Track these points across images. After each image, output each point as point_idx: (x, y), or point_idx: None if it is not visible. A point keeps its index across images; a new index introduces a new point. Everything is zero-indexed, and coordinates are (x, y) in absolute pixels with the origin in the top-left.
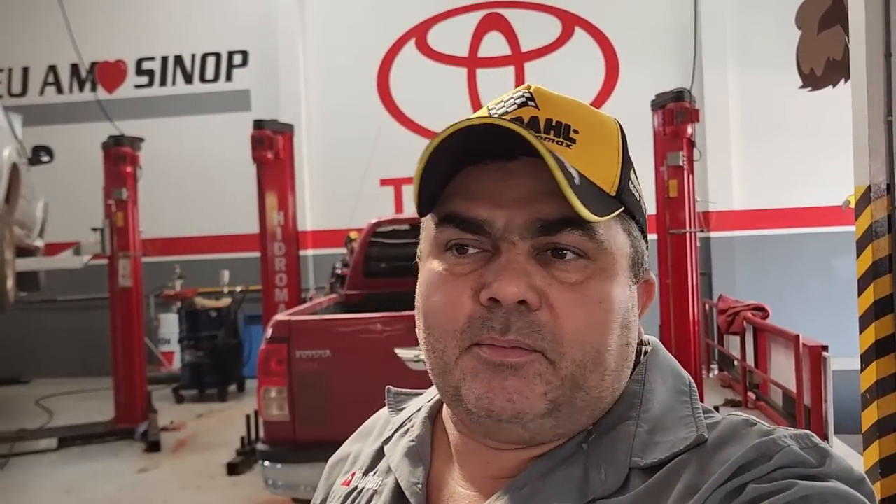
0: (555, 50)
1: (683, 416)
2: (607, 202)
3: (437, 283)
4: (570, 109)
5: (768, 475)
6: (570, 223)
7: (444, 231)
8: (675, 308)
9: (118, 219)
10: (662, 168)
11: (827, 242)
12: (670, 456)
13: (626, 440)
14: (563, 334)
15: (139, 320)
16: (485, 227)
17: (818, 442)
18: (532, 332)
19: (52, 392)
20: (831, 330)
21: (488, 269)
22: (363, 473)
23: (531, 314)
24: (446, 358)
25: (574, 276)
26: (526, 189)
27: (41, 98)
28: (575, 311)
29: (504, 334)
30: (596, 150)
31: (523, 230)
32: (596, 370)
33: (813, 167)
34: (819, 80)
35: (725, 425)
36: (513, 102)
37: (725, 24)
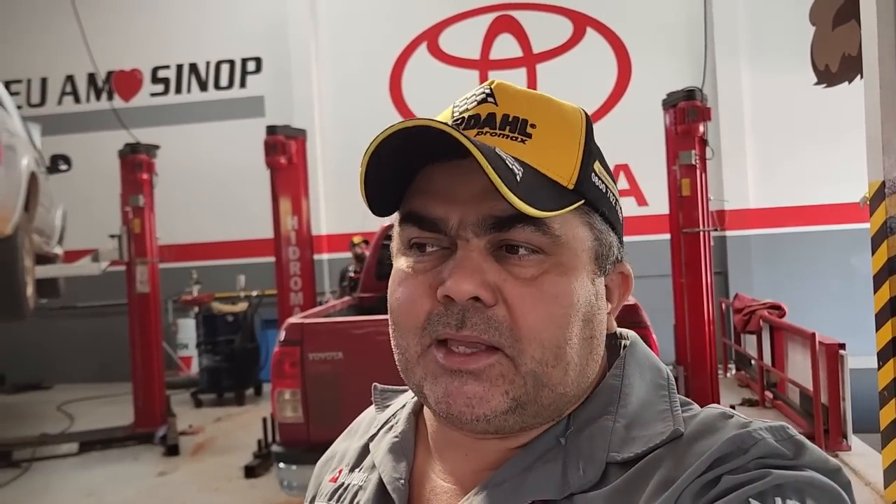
0: (566, 51)
1: (661, 409)
2: (562, 196)
3: (400, 280)
4: (528, 104)
5: (743, 466)
6: (521, 219)
7: (406, 230)
8: (690, 307)
9: (135, 225)
10: (675, 167)
11: (844, 239)
12: (647, 450)
13: (604, 435)
14: (520, 330)
15: (157, 325)
16: (440, 224)
17: (793, 434)
18: (489, 328)
19: (73, 397)
20: (849, 328)
21: (445, 266)
22: (349, 470)
23: (487, 310)
24: (408, 355)
25: (529, 272)
26: (480, 186)
27: (59, 108)
28: (531, 306)
29: (459, 330)
30: (552, 144)
31: (476, 227)
32: (558, 365)
33: (829, 164)
34: (834, 77)
35: (702, 418)
36: (473, 99)
37: (738, 20)
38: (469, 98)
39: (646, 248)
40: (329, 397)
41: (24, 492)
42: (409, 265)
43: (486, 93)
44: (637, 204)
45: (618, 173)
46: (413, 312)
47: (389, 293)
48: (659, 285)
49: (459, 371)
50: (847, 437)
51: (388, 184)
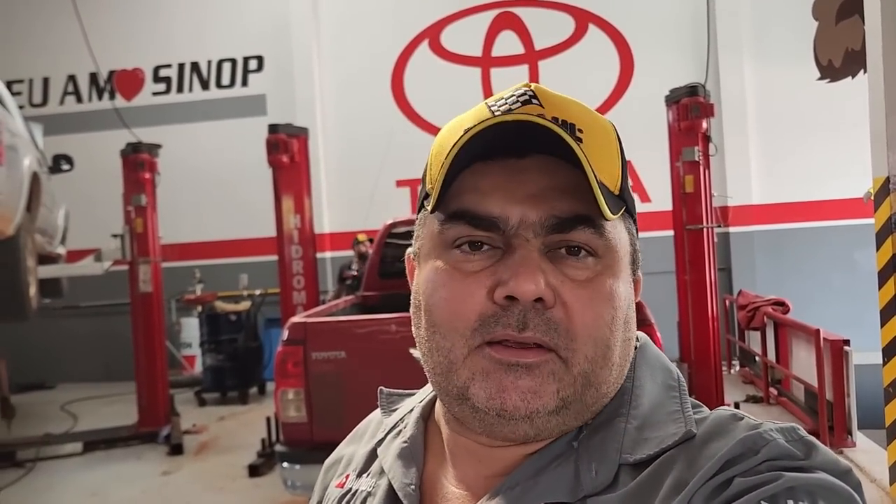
0: (569, 47)
1: (672, 411)
2: (614, 201)
3: (445, 279)
4: (572, 109)
5: (754, 468)
6: (583, 221)
7: (454, 228)
8: (694, 304)
9: (138, 225)
10: (678, 163)
11: (849, 235)
12: (659, 452)
13: (616, 437)
14: (576, 331)
15: (160, 325)
16: (498, 223)
17: (804, 435)
18: (549, 329)
19: (77, 397)
20: (853, 324)
21: (502, 266)
22: (357, 475)
23: (546, 311)
24: (452, 357)
25: (585, 274)
26: (538, 186)
27: (61, 107)
28: (587, 308)
29: (522, 331)
30: (600, 150)
31: (537, 227)
32: (605, 366)
33: (833, 159)
34: (837, 72)
35: (713, 420)
36: (515, 100)
37: (741, 16)
38: (508, 98)
39: (649, 244)
40: (332, 397)
41: (28, 492)
42: (453, 264)
43: (528, 94)
44: (640, 200)
45: None
46: (463, 313)
47: (427, 293)
48: (662, 282)
49: (515, 365)
50: (852, 434)
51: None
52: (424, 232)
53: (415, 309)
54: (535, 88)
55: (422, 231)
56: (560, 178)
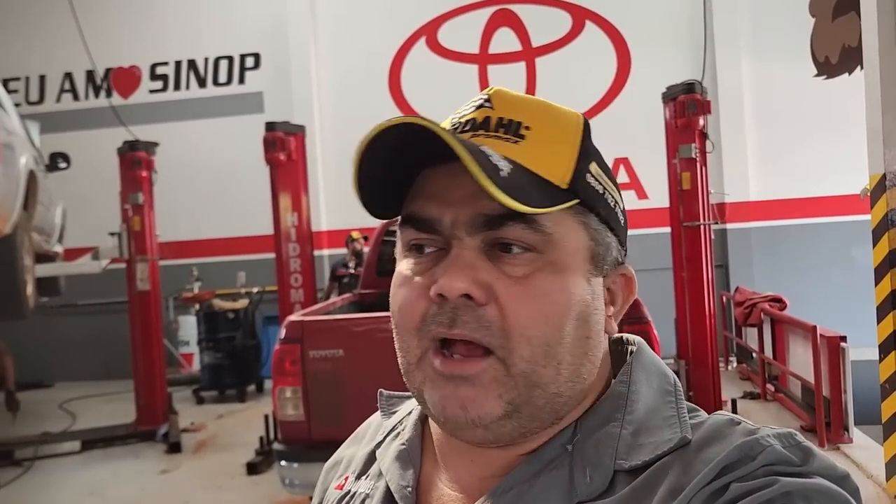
0: (566, 44)
1: (668, 416)
2: (555, 195)
3: (400, 282)
4: (524, 107)
5: (751, 474)
6: (512, 217)
7: (405, 232)
8: (691, 301)
9: (135, 223)
10: (675, 160)
11: (845, 232)
12: (654, 458)
13: (611, 442)
14: (510, 329)
15: (158, 323)
16: (435, 225)
17: (801, 440)
18: (479, 326)
19: (75, 395)
20: (851, 320)
21: (439, 266)
22: (356, 477)
23: (478, 309)
24: (410, 358)
25: (521, 270)
26: (473, 186)
27: (58, 105)
28: (521, 304)
29: (451, 328)
30: (546, 144)
31: (468, 226)
32: (549, 364)
33: (830, 156)
34: (834, 68)
35: (710, 425)
36: (472, 105)
37: (738, 12)
38: (468, 105)
39: (646, 241)
40: (330, 395)
41: (26, 491)
42: (407, 267)
43: (483, 98)
44: (637, 197)
45: (617, 167)
46: (411, 313)
47: (391, 296)
48: (660, 279)
49: (454, 376)
50: (849, 430)
51: (388, 185)
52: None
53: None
54: (493, 93)
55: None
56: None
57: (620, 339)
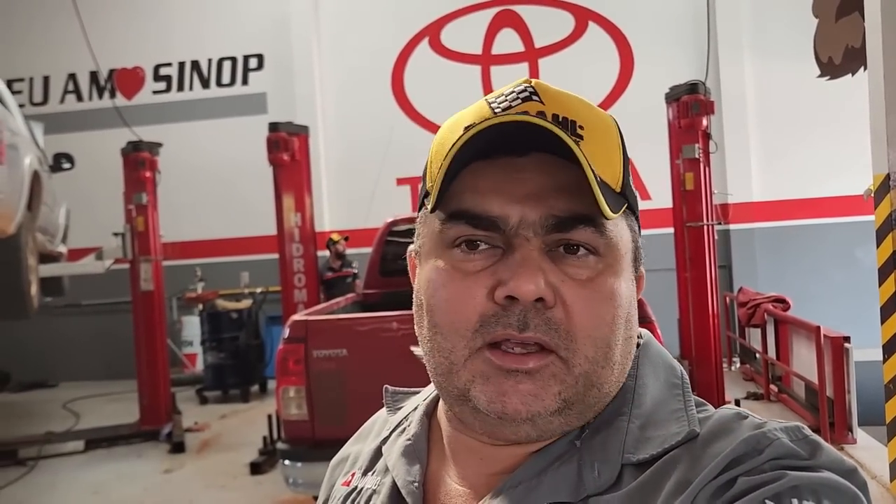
0: (569, 45)
1: (675, 409)
2: (615, 199)
3: (445, 280)
4: (573, 106)
5: (758, 468)
6: (582, 220)
7: (453, 227)
8: (694, 301)
9: (139, 223)
10: (678, 161)
11: (849, 232)
12: (662, 451)
13: (619, 436)
14: (576, 331)
15: (161, 323)
16: (498, 223)
17: (809, 434)
18: (549, 329)
19: (79, 395)
20: (856, 321)
21: (502, 265)
22: (362, 473)
23: (547, 311)
24: (454, 358)
25: (585, 273)
26: (537, 185)
27: (62, 106)
28: (587, 307)
29: (522, 332)
30: (601, 147)
31: (537, 226)
32: (607, 366)
33: (833, 156)
34: (837, 69)
35: (717, 419)
36: (515, 97)
37: (741, 13)
38: (508, 95)
39: (649, 242)
40: (334, 394)
41: (30, 490)
42: (453, 264)
43: (528, 90)
44: (641, 198)
45: None
46: (464, 313)
47: (429, 293)
48: (663, 279)
49: (516, 370)
50: (852, 430)
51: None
52: (425, 230)
53: (417, 307)
54: (535, 84)
55: (423, 229)
56: (560, 177)
57: None
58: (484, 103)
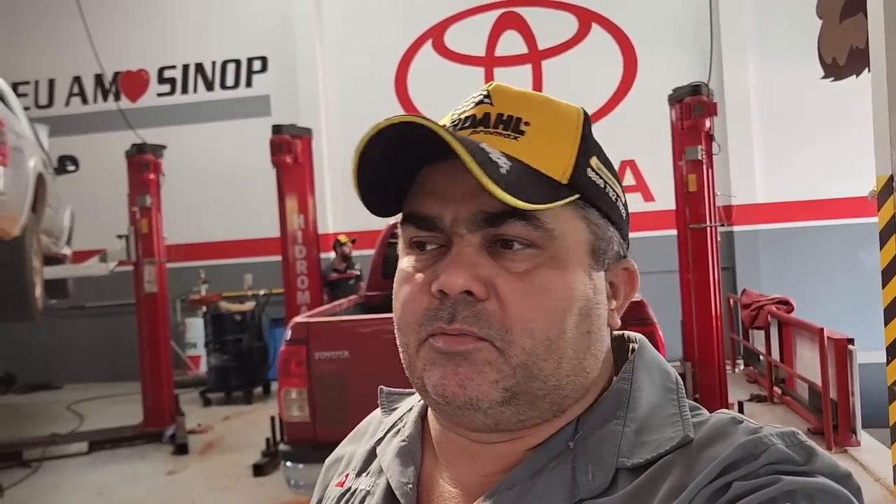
0: (572, 47)
1: (670, 414)
2: (556, 191)
3: (402, 280)
4: (523, 103)
5: (754, 473)
6: (512, 214)
7: (406, 230)
8: (697, 303)
9: (142, 225)
10: (681, 163)
11: (853, 234)
12: (657, 456)
13: (613, 440)
14: (510, 323)
15: (165, 325)
16: (436, 222)
17: (804, 439)
18: (477, 320)
19: (83, 397)
20: (858, 322)
21: (441, 263)
22: (356, 474)
23: (478, 304)
24: (409, 351)
25: (522, 266)
26: (473, 184)
27: (67, 109)
28: (522, 299)
29: (450, 323)
30: (546, 140)
31: (469, 223)
32: (550, 358)
33: (837, 158)
34: (842, 70)
35: (712, 424)
36: (471, 101)
37: (745, 14)
38: (468, 101)
39: (653, 243)
40: (335, 396)
41: (34, 491)
42: (409, 264)
43: (482, 94)
44: (644, 200)
45: (624, 169)
46: (413, 310)
47: (394, 293)
48: (666, 281)
49: (452, 353)
50: (856, 433)
51: (389, 184)
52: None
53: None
54: (493, 89)
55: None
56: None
57: (622, 336)
58: (451, 113)
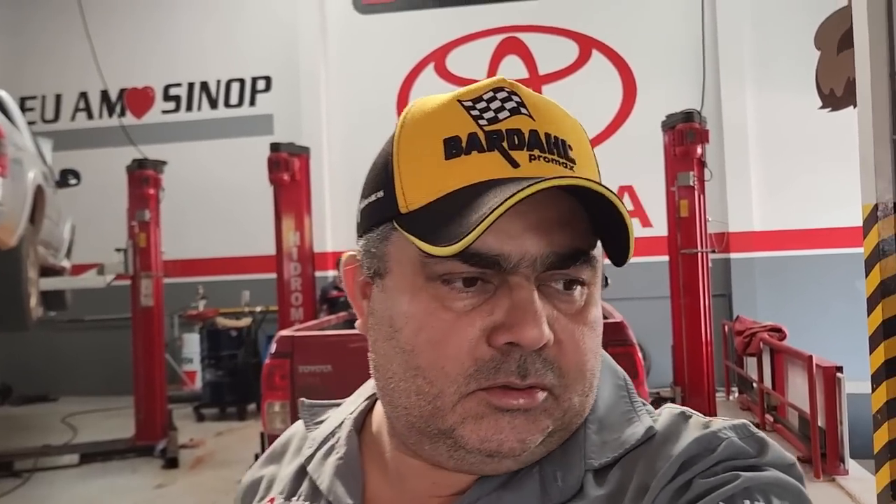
0: (572, 73)
1: (625, 411)
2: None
3: (431, 318)
4: (558, 119)
5: (712, 469)
6: (581, 255)
7: (442, 263)
8: (688, 328)
9: (141, 239)
10: (673, 188)
11: (849, 264)
12: (622, 453)
13: (578, 443)
14: (568, 368)
15: (160, 339)
16: (499, 261)
17: (755, 431)
18: (546, 371)
19: (79, 410)
20: (855, 353)
21: (498, 306)
22: (285, 497)
23: (543, 352)
24: (440, 403)
25: (575, 307)
26: (537, 218)
27: (72, 123)
28: (578, 342)
29: (524, 379)
30: (587, 170)
31: (537, 264)
32: (591, 393)
33: (834, 187)
34: (839, 101)
35: (666, 419)
36: (500, 106)
37: (744, 43)
38: (488, 99)
39: (650, 269)
40: None
41: (23, 502)
42: (440, 300)
43: (515, 101)
44: (641, 225)
45: (622, 194)
46: (457, 357)
47: (410, 331)
48: (662, 306)
49: (512, 409)
50: (844, 461)
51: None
52: (391, 250)
53: (384, 340)
54: (514, 89)
55: (385, 247)
56: (560, 208)
57: None
58: (460, 109)
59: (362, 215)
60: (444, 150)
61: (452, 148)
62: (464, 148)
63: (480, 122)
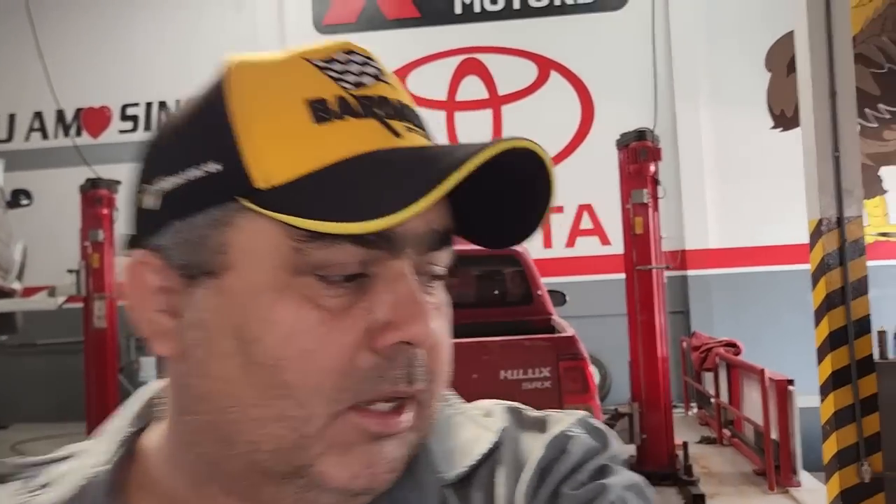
0: (531, 93)
1: (452, 414)
2: None
3: (303, 322)
4: (405, 91)
5: (574, 477)
6: (449, 235)
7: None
8: (644, 344)
9: (94, 260)
10: (628, 206)
11: (801, 279)
12: (477, 462)
13: (423, 457)
14: (438, 369)
15: (113, 362)
16: (392, 237)
17: (594, 422)
18: (426, 375)
19: (30, 437)
20: (808, 366)
21: (376, 302)
22: None
23: (416, 352)
24: (306, 430)
25: (438, 299)
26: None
27: (26, 143)
28: (444, 340)
29: (412, 384)
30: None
31: (421, 243)
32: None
33: (788, 205)
34: (790, 121)
35: (503, 419)
36: (361, 71)
37: (698, 64)
38: (343, 59)
39: (609, 286)
40: None
41: None
42: (311, 299)
43: (375, 67)
44: (601, 243)
45: (581, 213)
46: (335, 369)
47: (277, 340)
48: (622, 324)
49: (385, 435)
50: (797, 473)
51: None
52: (235, 239)
53: (223, 356)
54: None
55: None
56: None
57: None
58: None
59: (166, 198)
60: (311, 112)
61: (320, 111)
62: (336, 112)
63: (343, 84)
